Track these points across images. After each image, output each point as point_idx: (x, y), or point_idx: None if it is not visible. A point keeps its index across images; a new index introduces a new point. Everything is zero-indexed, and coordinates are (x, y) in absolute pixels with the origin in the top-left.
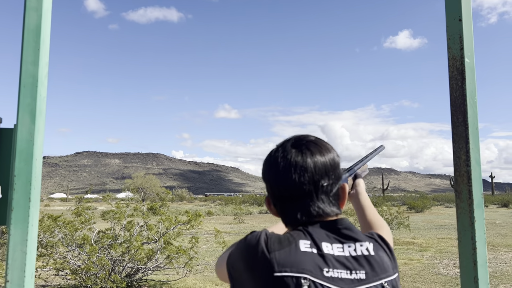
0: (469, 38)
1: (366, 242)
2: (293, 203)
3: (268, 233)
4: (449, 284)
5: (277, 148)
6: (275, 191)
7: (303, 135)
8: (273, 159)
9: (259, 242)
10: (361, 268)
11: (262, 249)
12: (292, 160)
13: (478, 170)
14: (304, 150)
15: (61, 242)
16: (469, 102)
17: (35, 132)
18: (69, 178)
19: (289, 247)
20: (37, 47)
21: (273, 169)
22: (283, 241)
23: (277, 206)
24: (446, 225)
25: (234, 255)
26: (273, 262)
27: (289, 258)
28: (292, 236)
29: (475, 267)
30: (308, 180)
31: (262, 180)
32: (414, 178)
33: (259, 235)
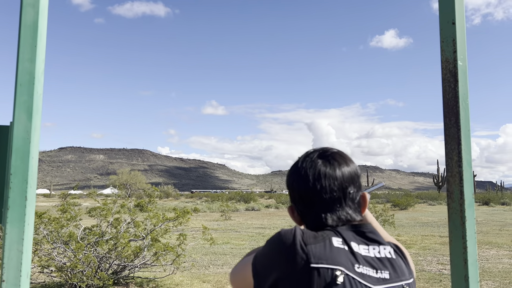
0: (462, 41)
1: (388, 246)
2: (323, 208)
3: (302, 229)
4: (432, 280)
5: (304, 159)
6: (304, 199)
7: (327, 147)
8: (302, 169)
9: (296, 236)
10: (385, 269)
11: (299, 242)
12: (321, 169)
13: (470, 171)
14: (332, 161)
15: (46, 239)
16: (462, 104)
17: (32, 130)
18: (53, 173)
19: (323, 242)
20: (34, 44)
21: (302, 177)
22: (317, 236)
23: (305, 213)
24: (429, 222)
25: (265, 253)
26: (310, 254)
27: (325, 252)
28: (325, 233)
29: (466, 266)
30: (337, 187)
31: (287, 189)
32: (398, 176)
33: (294, 230)
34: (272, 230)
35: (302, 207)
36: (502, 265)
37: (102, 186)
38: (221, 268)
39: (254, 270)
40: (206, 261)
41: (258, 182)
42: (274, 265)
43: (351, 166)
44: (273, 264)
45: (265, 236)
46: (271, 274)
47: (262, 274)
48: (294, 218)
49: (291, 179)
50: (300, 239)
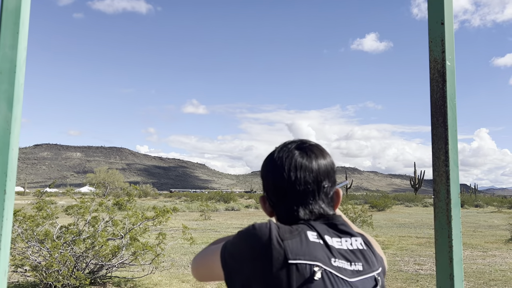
0: (451, 41)
1: (359, 238)
2: (296, 201)
3: (277, 223)
4: (409, 280)
5: (281, 149)
6: (278, 189)
7: (305, 139)
8: (278, 159)
9: (271, 230)
10: (358, 261)
11: (276, 237)
12: (298, 160)
13: (456, 170)
14: (309, 153)
15: (20, 237)
16: (449, 104)
17: (12, 121)
18: (27, 171)
19: (299, 237)
20: (16, 30)
21: (278, 168)
22: (293, 231)
23: (277, 204)
24: (406, 223)
25: (236, 245)
26: (287, 250)
27: (301, 247)
28: (300, 227)
29: (451, 265)
30: (312, 179)
31: (261, 179)
32: (376, 177)
33: (269, 224)
34: None
35: (275, 198)
36: (476, 266)
37: (78, 185)
38: None
39: (223, 261)
40: (185, 261)
41: (238, 182)
42: (245, 260)
43: (328, 160)
44: (243, 258)
45: None
46: (242, 269)
47: (232, 266)
48: (265, 209)
49: (266, 169)
50: (276, 234)
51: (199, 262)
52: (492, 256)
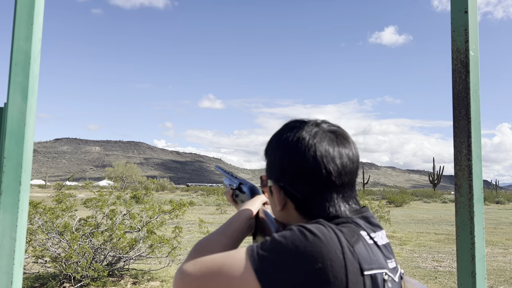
0: (474, 31)
1: (383, 230)
2: (336, 193)
3: (331, 225)
4: (428, 277)
5: (313, 132)
6: (314, 179)
7: (325, 120)
8: (316, 144)
9: (338, 235)
10: (392, 256)
11: (346, 244)
12: (341, 148)
13: (479, 164)
14: (348, 139)
15: (41, 229)
16: (473, 96)
17: (27, 112)
18: (48, 164)
19: (361, 241)
20: (30, 22)
21: (319, 155)
22: (353, 233)
23: (307, 196)
24: (424, 220)
25: (286, 254)
26: (360, 259)
27: (368, 253)
28: (352, 227)
29: (473, 262)
30: (354, 169)
31: (277, 162)
32: (394, 173)
33: (329, 227)
34: None
35: (305, 188)
36: (496, 263)
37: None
38: None
39: (261, 273)
40: None
41: (254, 177)
42: (304, 273)
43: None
44: (301, 271)
45: None
46: (298, 284)
47: (279, 281)
48: (279, 199)
49: (296, 153)
50: (344, 239)
51: (203, 272)
52: None
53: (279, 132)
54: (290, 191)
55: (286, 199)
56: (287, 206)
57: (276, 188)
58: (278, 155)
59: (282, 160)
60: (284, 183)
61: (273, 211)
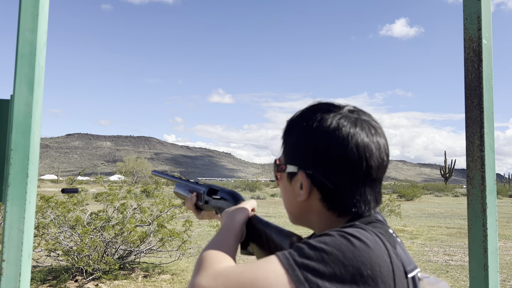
0: (487, 18)
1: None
2: (369, 186)
3: (369, 227)
4: (439, 271)
5: (353, 120)
6: (353, 170)
7: (357, 108)
8: (359, 134)
9: (383, 241)
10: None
11: (390, 248)
12: (378, 139)
13: (492, 155)
14: (380, 130)
15: (53, 223)
16: (485, 85)
17: (33, 104)
18: (60, 159)
19: (397, 242)
20: (36, 13)
21: (362, 144)
22: (389, 234)
23: (340, 187)
24: (436, 213)
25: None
26: (404, 261)
27: (405, 254)
28: (385, 229)
29: (485, 255)
30: (388, 163)
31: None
32: (405, 167)
33: (369, 230)
34: (277, 218)
35: (340, 181)
36: (509, 257)
37: (109, 173)
38: None
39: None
40: None
41: (264, 171)
42: (359, 281)
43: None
44: (357, 280)
45: None
46: None
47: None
48: (306, 189)
49: (338, 140)
50: (387, 242)
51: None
52: None
53: (309, 113)
54: (321, 180)
55: (312, 188)
56: (312, 196)
57: (303, 176)
58: (312, 139)
59: (317, 146)
60: (315, 171)
61: (288, 200)
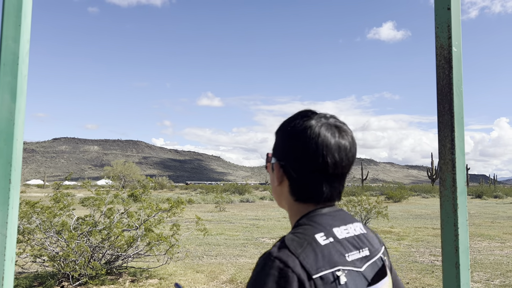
0: (457, 27)
1: (358, 223)
2: (326, 181)
3: (285, 240)
4: (424, 272)
5: (320, 123)
6: (311, 165)
7: (333, 115)
8: (321, 135)
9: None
10: (364, 245)
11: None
12: (343, 142)
13: (462, 158)
14: (348, 135)
15: (38, 229)
16: (456, 91)
17: (16, 112)
18: (46, 164)
19: (311, 246)
20: (18, 23)
21: (321, 144)
22: (301, 242)
23: (301, 177)
24: (422, 215)
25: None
26: (307, 266)
27: (317, 257)
28: (306, 231)
29: (457, 253)
30: (351, 163)
31: (284, 141)
32: (393, 169)
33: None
34: (266, 221)
35: (302, 171)
36: (493, 257)
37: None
38: (215, 259)
39: None
40: (200, 252)
41: (253, 174)
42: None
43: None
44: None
45: (259, 228)
46: None
47: None
48: (277, 176)
49: (303, 139)
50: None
51: None
52: (510, 247)
53: (292, 118)
54: (288, 170)
55: (283, 177)
56: (283, 183)
57: (277, 165)
58: (286, 137)
59: (288, 142)
60: (286, 162)
61: (272, 186)
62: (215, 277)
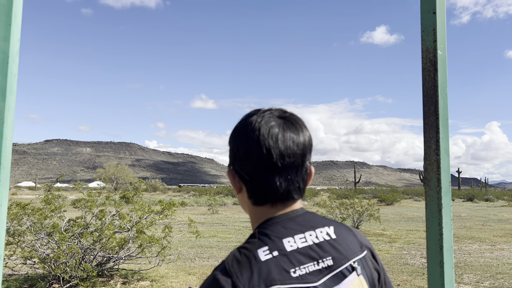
0: (442, 31)
1: (325, 227)
2: (279, 174)
3: (226, 261)
4: (415, 274)
5: (260, 116)
6: (258, 161)
7: (281, 108)
8: (260, 127)
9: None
10: (327, 255)
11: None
12: (285, 130)
13: (447, 159)
14: (295, 123)
15: (29, 230)
16: (441, 93)
17: (5, 111)
18: (38, 166)
19: (248, 264)
20: (9, 22)
21: (262, 136)
22: (240, 259)
23: (254, 178)
24: (414, 217)
25: None
26: (239, 285)
27: (253, 276)
28: (248, 250)
29: (441, 252)
30: (300, 153)
31: (231, 148)
32: (386, 172)
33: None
34: None
35: (252, 171)
36: (483, 259)
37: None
38: (207, 261)
39: None
40: (192, 254)
41: None
42: None
43: (309, 133)
44: None
45: (251, 230)
46: None
47: None
48: (235, 184)
49: (243, 136)
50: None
51: None
52: (500, 249)
53: (240, 121)
54: (241, 174)
55: (240, 183)
56: (243, 190)
57: (231, 172)
58: (231, 140)
59: (233, 144)
60: (236, 166)
61: (236, 195)
62: None
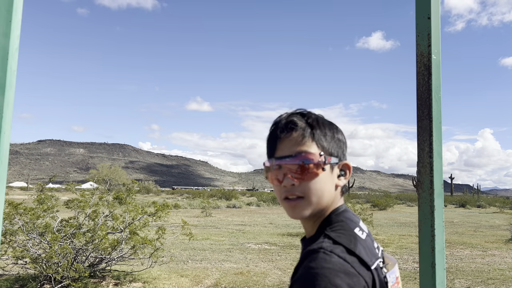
0: (437, 35)
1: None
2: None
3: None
4: (407, 278)
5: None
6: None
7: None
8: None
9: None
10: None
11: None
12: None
13: (440, 162)
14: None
15: (21, 230)
16: (434, 97)
17: (4, 106)
18: (30, 166)
19: (356, 240)
20: (9, 19)
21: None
22: (350, 237)
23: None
24: (407, 222)
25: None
26: (365, 258)
27: (365, 250)
28: (346, 226)
29: (433, 253)
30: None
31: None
32: (379, 177)
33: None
34: (252, 227)
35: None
36: (475, 265)
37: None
38: (200, 263)
39: None
40: (185, 256)
41: (241, 180)
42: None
43: None
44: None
45: (245, 233)
46: None
47: None
48: (347, 176)
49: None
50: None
51: None
52: (491, 255)
53: (327, 121)
54: (349, 165)
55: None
56: (341, 179)
57: (347, 165)
58: (343, 137)
59: (345, 141)
60: (345, 158)
61: (323, 190)
62: (200, 282)
